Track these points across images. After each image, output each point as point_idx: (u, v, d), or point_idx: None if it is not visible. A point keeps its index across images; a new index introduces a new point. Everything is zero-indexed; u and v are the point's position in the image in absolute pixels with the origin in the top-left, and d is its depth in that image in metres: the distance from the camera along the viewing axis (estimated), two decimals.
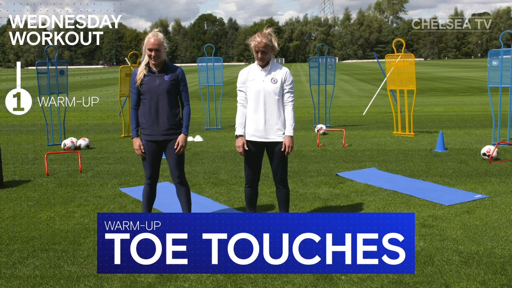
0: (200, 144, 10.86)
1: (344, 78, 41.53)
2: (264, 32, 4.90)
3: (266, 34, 4.87)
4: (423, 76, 41.50)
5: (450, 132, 11.99)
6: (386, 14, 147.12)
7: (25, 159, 9.37)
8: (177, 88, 5.02)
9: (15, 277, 4.21)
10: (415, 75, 11.27)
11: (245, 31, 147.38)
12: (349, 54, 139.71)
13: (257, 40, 4.83)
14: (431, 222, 5.45)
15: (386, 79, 12.28)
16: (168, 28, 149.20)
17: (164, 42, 4.90)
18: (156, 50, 4.84)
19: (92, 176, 7.90)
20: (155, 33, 4.89)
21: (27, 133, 12.99)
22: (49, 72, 10.42)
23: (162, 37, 4.88)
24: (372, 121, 14.45)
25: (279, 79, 4.94)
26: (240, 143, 5.02)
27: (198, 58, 13.33)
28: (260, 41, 4.81)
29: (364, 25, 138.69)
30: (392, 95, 12.84)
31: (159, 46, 4.85)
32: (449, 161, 8.62)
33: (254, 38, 4.88)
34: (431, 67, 65.57)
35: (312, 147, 10.22)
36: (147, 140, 5.04)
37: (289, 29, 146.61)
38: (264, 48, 4.82)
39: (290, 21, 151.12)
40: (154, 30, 4.94)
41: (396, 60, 11.68)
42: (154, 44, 4.83)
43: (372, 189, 6.85)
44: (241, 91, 5.04)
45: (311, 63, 13.06)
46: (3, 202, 6.46)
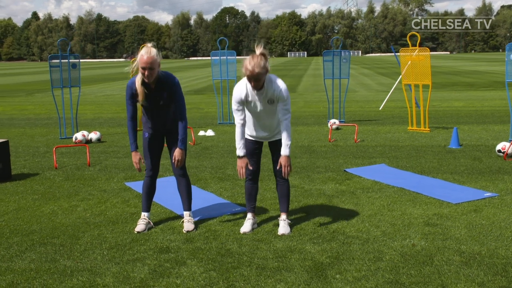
0: (211, 138, 10.83)
1: (365, 72, 41.11)
2: (256, 56, 4.57)
3: (258, 61, 4.52)
4: (445, 70, 40.88)
5: (467, 127, 11.74)
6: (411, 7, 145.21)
7: (36, 152, 9.46)
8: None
9: (10, 270, 4.23)
10: (430, 69, 11.05)
11: (267, 24, 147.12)
12: (372, 47, 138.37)
13: (249, 70, 4.52)
14: (436, 220, 5.32)
15: (402, 73, 12.06)
16: (190, 21, 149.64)
17: (157, 59, 4.70)
18: (150, 69, 4.66)
19: (100, 170, 7.94)
20: (148, 50, 4.67)
21: (42, 127, 13.13)
22: (61, 66, 10.48)
23: (155, 54, 4.67)
24: (388, 116, 14.25)
25: (275, 100, 4.77)
26: (243, 163, 4.89)
27: (211, 51, 13.29)
28: (252, 70, 4.51)
29: (388, 17, 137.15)
30: (409, 89, 12.62)
31: (152, 64, 4.65)
32: (462, 158, 8.43)
33: (245, 66, 4.55)
34: (456, 60, 64.56)
35: (324, 142, 10.11)
36: (150, 132, 5.06)
37: (311, 22, 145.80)
38: (257, 76, 4.57)
39: (313, 14, 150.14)
40: (147, 45, 4.74)
41: (413, 54, 11.46)
42: (147, 62, 4.62)
43: (379, 186, 6.74)
44: (238, 111, 4.80)
45: (325, 57, 12.89)
46: (10, 195, 6.53)
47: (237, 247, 4.67)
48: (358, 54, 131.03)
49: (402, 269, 4.15)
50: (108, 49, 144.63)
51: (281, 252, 4.53)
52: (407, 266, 4.21)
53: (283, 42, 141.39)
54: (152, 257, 4.47)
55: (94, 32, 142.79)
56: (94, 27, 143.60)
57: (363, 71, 42.75)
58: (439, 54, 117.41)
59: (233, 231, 5.08)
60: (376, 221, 5.34)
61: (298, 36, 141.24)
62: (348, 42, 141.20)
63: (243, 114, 4.81)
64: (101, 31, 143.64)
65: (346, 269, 4.16)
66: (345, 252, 4.52)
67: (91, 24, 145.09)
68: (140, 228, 5.11)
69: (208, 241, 4.84)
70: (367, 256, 4.42)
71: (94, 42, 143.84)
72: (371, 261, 4.32)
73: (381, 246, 4.65)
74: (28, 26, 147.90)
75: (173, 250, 4.62)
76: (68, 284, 3.97)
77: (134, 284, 3.96)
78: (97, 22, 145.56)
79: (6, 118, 15.06)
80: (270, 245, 4.70)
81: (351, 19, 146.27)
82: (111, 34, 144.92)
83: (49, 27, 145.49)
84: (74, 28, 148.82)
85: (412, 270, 4.13)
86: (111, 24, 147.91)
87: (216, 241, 4.84)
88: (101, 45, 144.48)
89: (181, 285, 3.93)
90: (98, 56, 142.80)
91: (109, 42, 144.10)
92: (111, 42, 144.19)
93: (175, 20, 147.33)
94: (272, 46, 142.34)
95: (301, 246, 4.66)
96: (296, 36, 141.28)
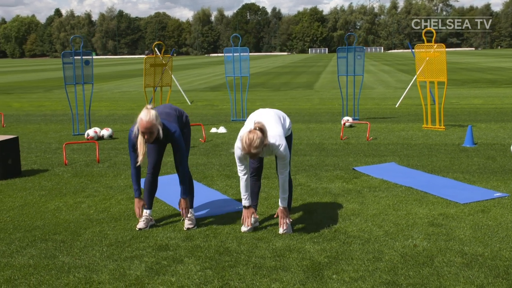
0: (223, 135, 10.82)
1: (385, 68, 40.70)
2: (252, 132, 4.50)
3: (254, 140, 4.46)
4: (467, 67, 40.24)
5: (484, 126, 11.52)
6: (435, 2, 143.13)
7: (48, 148, 9.57)
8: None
9: (10, 266, 4.27)
10: (446, 66, 10.86)
11: (288, 21, 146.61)
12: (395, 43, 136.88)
13: (245, 150, 4.52)
14: (441, 221, 5.22)
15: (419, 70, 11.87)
16: (211, 18, 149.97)
17: (157, 123, 4.69)
18: (149, 133, 4.69)
19: (109, 166, 7.99)
20: (148, 114, 4.66)
21: (56, 123, 13.27)
22: (74, 63, 10.57)
23: (154, 118, 4.65)
24: (404, 113, 14.06)
25: (274, 154, 4.79)
26: (249, 213, 4.91)
27: (224, 48, 13.26)
28: (248, 151, 4.50)
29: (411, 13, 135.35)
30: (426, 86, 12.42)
31: (152, 129, 4.67)
32: (476, 157, 8.27)
33: (242, 145, 4.54)
34: (480, 57, 63.48)
35: (335, 140, 10.02)
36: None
37: (333, 18, 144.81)
38: (256, 155, 4.56)
39: (335, 9, 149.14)
40: (146, 107, 4.73)
41: (431, 51, 11.27)
42: (146, 128, 4.64)
43: (387, 185, 6.64)
44: (240, 165, 4.84)
45: (339, 54, 12.75)
46: (17, 191, 6.61)
47: (236, 245, 4.64)
48: (380, 50, 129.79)
49: (400, 270, 4.08)
50: (129, 45, 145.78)
51: (279, 251, 4.49)
52: (406, 267, 4.14)
53: (304, 38, 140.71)
54: (151, 254, 4.47)
55: (116, 28, 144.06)
56: (116, 23, 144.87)
57: (383, 67, 42.33)
58: (463, 50, 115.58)
59: (234, 229, 5.05)
60: (379, 220, 5.26)
61: (320, 32, 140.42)
62: (370, 38, 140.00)
63: (246, 168, 4.86)
64: (122, 28, 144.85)
65: (344, 269, 4.11)
66: (345, 252, 4.46)
67: (112, 20, 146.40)
68: (142, 225, 5.13)
69: (208, 239, 4.82)
70: (367, 256, 4.35)
71: (115, 39, 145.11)
72: (370, 261, 4.26)
73: (382, 246, 4.58)
74: (51, 23, 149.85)
75: (172, 247, 4.62)
76: (64, 280, 3.99)
77: (129, 281, 3.96)
78: (119, 19, 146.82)
79: (23, 114, 15.27)
80: (269, 244, 4.66)
81: (373, 15, 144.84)
82: (132, 30, 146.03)
83: (72, 23, 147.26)
84: (96, 25, 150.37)
85: (410, 271, 4.06)
86: (132, 21, 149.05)
87: (216, 239, 4.82)
88: (122, 41, 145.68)
89: (176, 283, 3.92)
90: (119, 52, 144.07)
91: (130, 38, 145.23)
92: (132, 38, 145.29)
93: (196, 17, 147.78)
94: (293, 43, 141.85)
95: (300, 245, 4.62)
96: (317, 32, 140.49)
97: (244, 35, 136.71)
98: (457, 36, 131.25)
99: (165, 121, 4.89)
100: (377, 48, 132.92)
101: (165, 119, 4.91)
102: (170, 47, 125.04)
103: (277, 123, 4.89)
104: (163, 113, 5.02)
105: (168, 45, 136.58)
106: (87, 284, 3.92)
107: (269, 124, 4.77)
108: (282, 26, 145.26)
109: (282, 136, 4.77)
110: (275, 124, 4.85)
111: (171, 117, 5.04)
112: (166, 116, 5.00)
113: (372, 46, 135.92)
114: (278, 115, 5.04)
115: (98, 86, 27.18)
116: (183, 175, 5.01)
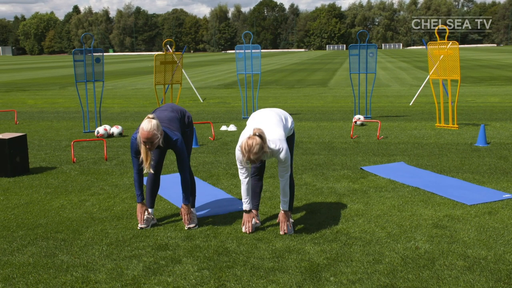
0: (232, 133, 10.80)
1: (402, 65, 40.28)
2: (252, 138, 4.47)
3: (254, 146, 4.43)
4: (486, 64, 39.66)
5: (498, 124, 11.32)
6: None
7: (57, 145, 9.63)
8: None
9: (9, 264, 4.30)
10: (459, 64, 10.69)
11: (305, 17, 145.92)
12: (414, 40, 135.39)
13: (246, 156, 4.49)
14: (446, 222, 5.14)
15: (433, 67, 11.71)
16: (228, 14, 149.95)
17: (158, 133, 4.70)
18: (150, 143, 4.71)
19: (116, 164, 8.01)
20: (148, 123, 4.67)
21: (68, 120, 13.36)
22: (85, 60, 10.62)
23: (155, 128, 4.67)
24: (418, 112, 13.88)
25: (275, 157, 4.75)
26: (250, 218, 4.90)
27: (236, 45, 13.21)
28: (248, 157, 4.48)
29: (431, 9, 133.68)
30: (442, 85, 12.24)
31: (152, 139, 4.68)
32: (487, 157, 8.12)
33: (242, 152, 4.53)
34: (501, 53, 62.46)
35: (345, 139, 9.93)
36: None
37: (351, 14, 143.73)
38: (256, 161, 4.52)
39: (353, 5, 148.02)
40: (148, 117, 4.75)
41: (446, 47, 11.10)
42: (147, 138, 4.66)
43: (394, 185, 6.56)
44: (242, 169, 4.81)
45: (351, 51, 12.63)
46: (24, 188, 6.66)
47: (235, 246, 4.62)
48: (398, 47, 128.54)
49: (400, 272, 4.02)
50: (146, 42, 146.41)
51: (279, 252, 4.45)
52: (406, 269, 4.07)
53: (322, 34, 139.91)
54: (149, 254, 4.47)
55: (133, 25, 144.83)
56: (133, 20, 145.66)
57: (400, 64, 41.90)
58: (484, 46, 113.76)
59: (235, 229, 5.03)
60: (383, 221, 5.19)
61: (337, 28, 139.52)
62: (388, 35, 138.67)
63: (247, 170, 4.83)
64: (139, 25, 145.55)
65: (342, 271, 4.05)
66: (345, 253, 4.41)
67: (130, 17, 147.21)
68: (143, 225, 5.12)
69: (208, 239, 4.80)
70: (366, 258, 4.29)
71: (132, 36, 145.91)
72: (369, 263, 4.20)
73: (383, 248, 4.51)
74: (69, 20, 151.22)
75: (171, 247, 4.61)
76: (61, 279, 4.00)
77: (126, 281, 3.96)
78: (136, 16, 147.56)
79: (36, 111, 15.41)
80: (269, 245, 4.63)
81: (392, 11, 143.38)
82: (150, 27, 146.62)
83: (89, 20, 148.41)
84: (113, 22, 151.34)
85: (410, 274, 3.99)
86: (150, 17, 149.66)
87: (216, 239, 4.79)
88: (139, 38, 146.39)
89: (172, 283, 3.91)
90: (136, 49, 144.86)
91: (147, 35, 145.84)
92: (149, 35, 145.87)
93: (213, 13, 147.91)
94: (310, 39, 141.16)
95: (300, 246, 4.57)
96: (335, 28, 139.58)
97: (261, 32, 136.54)
98: (479, 32, 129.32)
99: (167, 130, 4.88)
100: (396, 44, 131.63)
101: (167, 128, 4.90)
102: (187, 43, 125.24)
103: (278, 125, 4.82)
104: (165, 119, 4.99)
105: (185, 42, 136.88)
106: (84, 283, 3.93)
107: (269, 128, 4.72)
108: (300, 23, 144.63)
109: (282, 139, 4.71)
110: (276, 126, 4.79)
111: (173, 123, 5.01)
112: (168, 123, 4.97)
113: (390, 42, 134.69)
114: (280, 116, 4.98)
115: (113, 83, 27.34)
116: (185, 182, 5.01)
